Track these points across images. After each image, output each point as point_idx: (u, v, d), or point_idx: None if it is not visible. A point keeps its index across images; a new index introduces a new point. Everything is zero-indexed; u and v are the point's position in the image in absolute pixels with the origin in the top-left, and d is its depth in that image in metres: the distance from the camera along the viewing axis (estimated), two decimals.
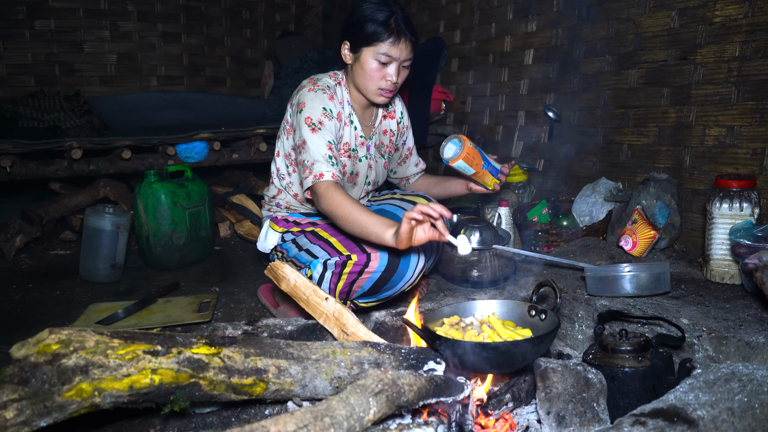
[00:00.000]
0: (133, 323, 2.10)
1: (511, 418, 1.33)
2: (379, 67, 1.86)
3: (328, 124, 1.85)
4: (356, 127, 2.03)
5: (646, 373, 1.27)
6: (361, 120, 2.05)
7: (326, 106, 1.87)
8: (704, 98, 2.37)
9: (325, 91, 1.90)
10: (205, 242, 2.95)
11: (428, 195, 2.18)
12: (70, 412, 0.95)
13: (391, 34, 1.82)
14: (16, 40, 4.26)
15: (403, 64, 1.90)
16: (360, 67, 1.89)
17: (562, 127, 3.05)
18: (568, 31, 2.99)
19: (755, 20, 2.19)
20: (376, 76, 1.88)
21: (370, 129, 2.09)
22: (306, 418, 0.93)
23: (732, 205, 1.93)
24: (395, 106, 2.19)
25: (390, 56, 1.84)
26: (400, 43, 1.84)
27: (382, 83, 1.89)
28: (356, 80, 1.93)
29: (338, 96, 1.96)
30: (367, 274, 1.78)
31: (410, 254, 1.79)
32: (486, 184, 2.03)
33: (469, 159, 1.88)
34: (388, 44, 1.83)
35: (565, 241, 2.40)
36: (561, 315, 1.81)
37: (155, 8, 4.74)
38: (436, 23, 3.95)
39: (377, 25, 1.82)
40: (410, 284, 1.83)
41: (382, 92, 1.92)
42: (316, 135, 1.81)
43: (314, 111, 1.85)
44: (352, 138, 2.02)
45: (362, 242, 1.81)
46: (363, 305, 1.92)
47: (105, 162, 3.31)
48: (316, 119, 1.83)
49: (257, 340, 1.19)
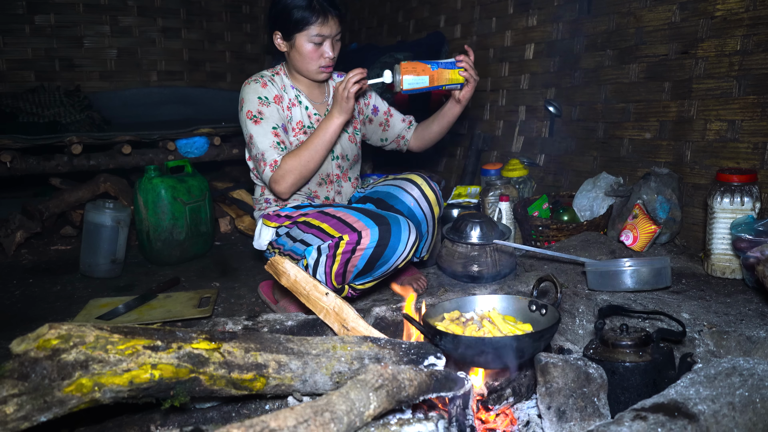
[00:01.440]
0: (133, 318, 2.10)
1: (511, 413, 1.33)
2: (314, 48, 1.96)
3: (267, 111, 1.96)
4: (307, 107, 2.09)
5: (647, 368, 1.27)
6: (311, 98, 2.11)
7: (260, 95, 1.98)
8: (705, 92, 2.36)
9: (257, 80, 2.01)
10: (206, 237, 2.94)
11: (430, 134, 2.23)
12: (70, 407, 0.95)
13: (318, 15, 1.91)
14: (15, 35, 4.25)
15: (336, 38, 1.99)
16: (297, 53, 1.98)
17: (562, 122, 3.04)
18: (568, 25, 2.98)
19: (757, 14, 2.18)
20: (314, 56, 1.97)
21: (323, 106, 2.14)
22: (306, 413, 0.93)
23: (733, 200, 1.93)
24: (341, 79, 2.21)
25: (322, 35, 1.94)
26: (328, 20, 1.93)
27: (321, 62, 1.99)
28: (296, 65, 2.02)
29: (277, 82, 2.05)
30: (360, 251, 1.81)
31: (401, 228, 1.81)
32: (454, 81, 1.96)
33: (410, 70, 1.90)
34: (318, 25, 1.92)
35: (565, 235, 2.40)
36: (562, 310, 1.81)
37: (155, 3, 4.72)
38: (437, 18, 3.94)
39: (302, 10, 1.91)
40: (404, 259, 1.85)
41: (323, 69, 2.01)
42: (259, 126, 1.94)
43: (251, 103, 1.97)
44: (304, 117, 2.07)
45: (352, 222, 1.83)
46: (360, 287, 1.94)
47: (105, 157, 3.31)
48: (255, 110, 1.96)
49: (257, 335, 1.19)
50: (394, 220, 1.82)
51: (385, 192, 2.06)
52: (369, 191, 2.15)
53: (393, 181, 2.10)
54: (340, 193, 2.17)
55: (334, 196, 2.16)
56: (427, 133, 2.25)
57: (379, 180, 2.23)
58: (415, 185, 2.06)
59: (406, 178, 2.08)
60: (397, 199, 2.03)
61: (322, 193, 2.12)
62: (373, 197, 2.10)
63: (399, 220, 1.83)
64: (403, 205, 2.02)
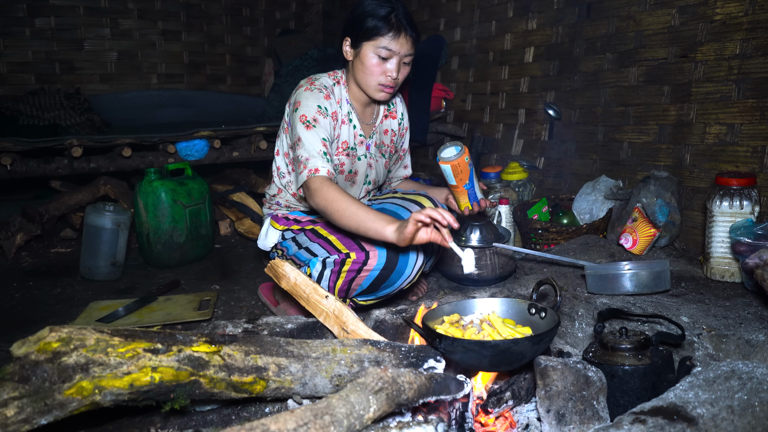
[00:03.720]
0: (133, 321, 2.10)
1: (511, 416, 1.34)
2: (379, 61, 1.87)
3: (322, 122, 1.87)
4: (355, 126, 2.03)
5: (646, 371, 1.28)
6: (360, 118, 2.05)
7: (321, 104, 1.89)
8: (705, 96, 2.37)
9: (322, 90, 1.91)
10: (206, 240, 2.95)
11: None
12: (71, 410, 0.95)
13: (391, 28, 1.83)
14: (16, 37, 4.26)
15: (404, 59, 1.90)
16: (360, 62, 1.89)
17: (562, 125, 3.05)
18: (568, 29, 2.99)
19: (756, 18, 2.18)
20: (376, 71, 1.88)
21: (370, 128, 2.09)
22: (306, 416, 0.93)
23: (732, 203, 1.93)
24: (396, 106, 2.19)
25: (390, 50, 1.85)
26: (400, 37, 1.85)
27: (381, 78, 1.90)
28: (357, 76, 1.94)
29: (336, 95, 1.97)
30: (366, 272, 1.78)
31: (409, 252, 1.79)
32: (459, 204, 2.00)
33: (456, 170, 1.87)
34: (389, 38, 1.84)
35: (565, 238, 2.40)
36: (561, 313, 1.81)
37: (155, 6, 4.73)
38: (437, 21, 3.95)
39: (378, 19, 1.83)
40: (409, 282, 1.83)
41: (383, 88, 1.92)
42: (310, 132, 1.84)
43: (309, 109, 1.87)
44: (350, 137, 2.02)
45: (361, 240, 1.81)
46: (362, 303, 1.92)
47: (105, 160, 3.31)
48: (310, 116, 1.86)
49: (257, 338, 1.19)
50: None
51: (392, 211, 2.00)
52: (376, 206, 2.11)
53: (401, 201, 2.04)
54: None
55: None
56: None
57: (387, 194, 2.20)
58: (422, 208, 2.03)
59: (415, 201, 2.02)
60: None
61: None
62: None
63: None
64: None
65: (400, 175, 2.33)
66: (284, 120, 2.02)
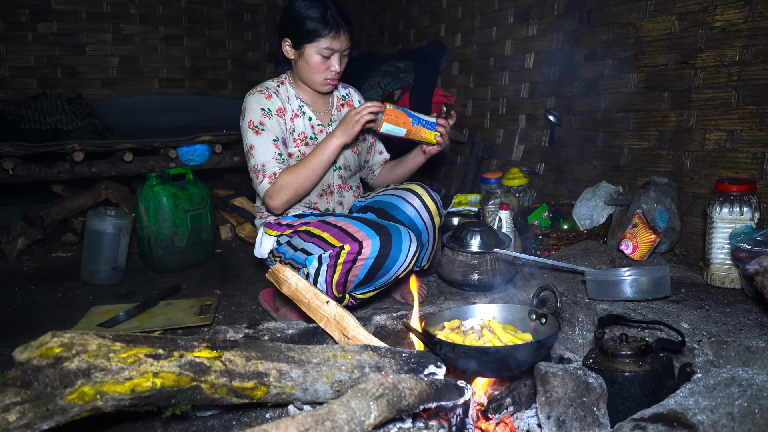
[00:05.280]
0: (134, 326, 2.10)
1: (511, 422, 1.34)
2: (322, 60, 1.97)
3: (269, 123, 1.97)
4: (310, 117, 2.10)
5: (647, 378, 1.28)
6: (314, 109, 2.13)
7: (264, 106, 1.99)
8: (705, 102, 2.37)
9: (263, 91, 2.02)
10: (207, 245, 2.95)
11: (391, 177, 2.27)
12: (72, 415, 0.95)
13: (330, 29, 1.92)
14: (18, 42, 4.27)
15: (344, 53, 2.01)
16: (305, 62, 1.99)
17: (562, 131, 3.05)
18: (568, 35, 3.00)
19: (755, 25, 2.19)
20: (321, 68, 1.99)
21: (327, 116, 2.16)
22: (307, 422, 0.93)
23: (732, 210, 1.94)
24: (352, 96, 2.27)
25: (332, 49, 1.95)
26: (339, 35, 1.95)
27: (327, 74, 2.00)
28: (302, 75, 2.04)
29: (282, 93, 2.06)
30: (361, 261, 1.81)
31: (402, 238, 1.81)
32: (427, 140, 2.01)
33: (392, 119, 1.91)
34: (329, 38, 1.93)
35: (565, 244, 2.40)
36: (561, 319, 1.82)
37: (157, 11, 4.75)
38: (437, 27, 3.96)
39: (316, 21, 1.92)
40: (404, 269, 1.85)
41: (328, 81, 2.03)
42: (260, 137, 1.95)
43: (254, 113, 1.98)
44: (306, 127, 2.09)
45: (353, 232, 1.83)
46: (361, 297, 1.94)
47: (107, 164, 3.32)
48: (257, 121, 1.97)
49: (258, 343, 1.20)
50: (395, 230, 1.82)
51: (386, 201, 2.07)
52: (370, 200, 2.16)
53: (394, 191, 2.10)
54: (341, 204, 2.18)
55: (334, 207, 2.16)
56: (391, 175, 2.30)
57: (380, 189, 2.23)
58: (416, 195, 2.06)
59: (408, 188, 2.08)
60: (398, 209, 2.04)
61: (322, 205, 2.13)
62: (374, 207, 2.11)
63: (400, 230, 1.83)
64: (404, 215, 2.03)
65: (379, 161, 2.35)
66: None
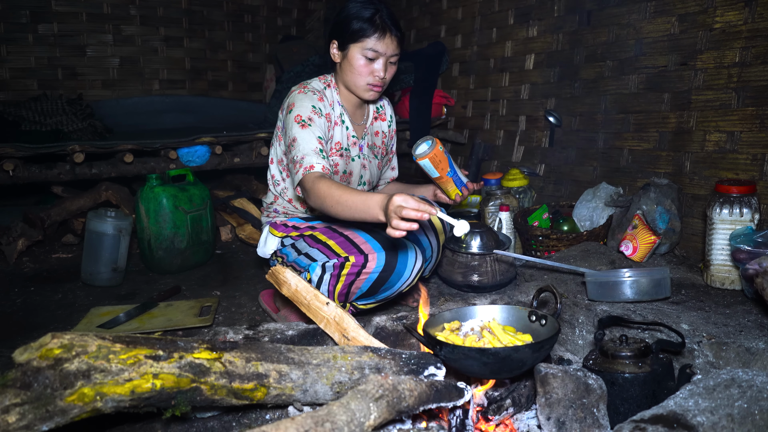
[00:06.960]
0: (134, 327, 2.10)
1: (511, 424, 1.34)
2: (366, 62, 1.91)
3: (317, 121, 1.90)
4: (348, 127, 2.06)
5: (646, 379, 1.28)
6: (352, 119, 2.08)
7: (315, 105, 1.92)
8: (704, 104, 2.37)
9: (315, 93, 1.95)
10: (207, 246, 2.95)
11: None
12: (72, 416, 0.95)
13: (376, 29, 1.86)
14: (19, 43, 4.27)
15: (390, 59, 1.94)
16: (348, 64, 1.93)
17: (562, 132, 3.05)
18: (568, 36, 3.00)
19: (755, 26, 2.19)
20: (364, 71, 1.92)
21: (362, 128, 2.13)
22: (307, 423, 0.93)
23: (732, 211, 1.94)
24: (385, 109, 2.23)
25: (377, 51, 1.89)
26: (385, 38, 1.88)
27: (370, 78, 1.93)
28: (345, 78, 1.97)
29: (328, 98, 2.00)
30: (365, 274, 1.79)
31: (408, 254, 1.80)
32: (448, 193, 2.04)
33: (435, 161, 1.92)
34: (374, 39, 1.87)
35: (565, 245, 2.40)
36: (561, 320, 1.81)
37: (158, 12, 4.75)
38: (438, 28, 3.96)
39: (363, 21, 1.87)
40: (408, 285, 1.85)
41: (372, 87, 1.95)
42: (305, 131, 1.85)
43: (304, 109, 1.89)
44: (343, 137, 2.04)
45: (360, 244, 1.82)
46: (362, 307, 1.93)
47: (107, 166, 3.32)
48: (305, 116, 1.88)
49: (258, 344, 1.20)
50: (401, 245, 1.82)
51: None
52: None
53: None
54: None
55: None
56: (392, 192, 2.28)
57: None
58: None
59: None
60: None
61: None
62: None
63: (407, 245, 1.82)
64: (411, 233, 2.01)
65: (387, 177, 2.35)
66: (277, 126, 2.05)
